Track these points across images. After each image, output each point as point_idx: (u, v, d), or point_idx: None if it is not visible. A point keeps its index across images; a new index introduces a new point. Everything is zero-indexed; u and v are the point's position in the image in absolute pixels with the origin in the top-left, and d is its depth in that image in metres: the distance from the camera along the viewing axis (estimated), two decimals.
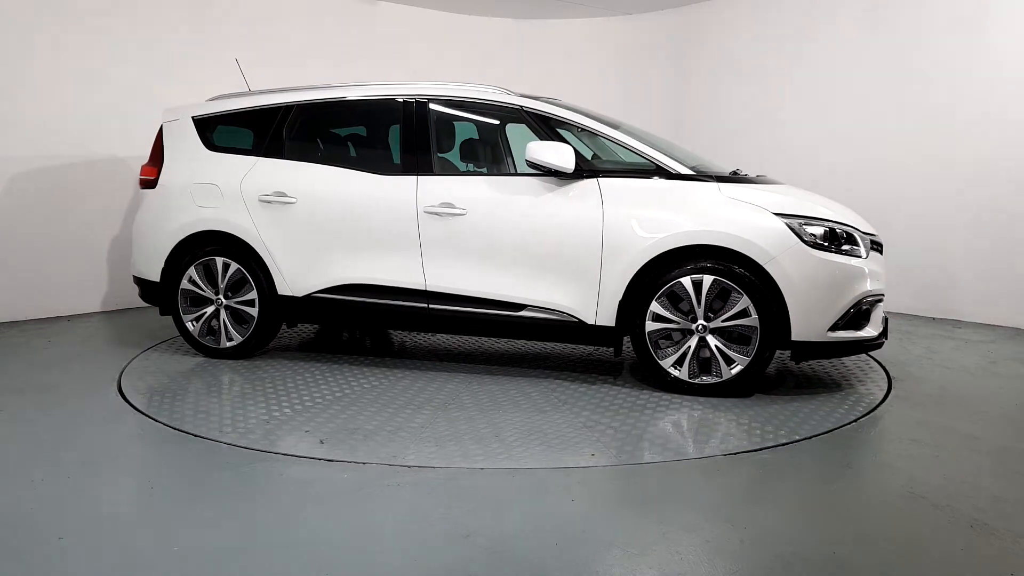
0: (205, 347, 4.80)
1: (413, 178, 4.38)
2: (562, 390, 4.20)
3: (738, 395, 4.00)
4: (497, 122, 4.97)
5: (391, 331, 5.66)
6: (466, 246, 4.26)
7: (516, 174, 4.37)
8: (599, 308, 4.09)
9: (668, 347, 4.04)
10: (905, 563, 2.36)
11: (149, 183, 4.93)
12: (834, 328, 3.89)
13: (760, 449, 3.31)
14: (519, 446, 3.35)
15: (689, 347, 3.99)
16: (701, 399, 3.97)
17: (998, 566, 2.35)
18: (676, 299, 3.97)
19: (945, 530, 2.58)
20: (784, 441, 3.41)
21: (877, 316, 4.07)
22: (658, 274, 3.99)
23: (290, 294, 4.60)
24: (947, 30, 6.21)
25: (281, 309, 4.67)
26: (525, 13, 8.35)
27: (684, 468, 3.11)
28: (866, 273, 3.93)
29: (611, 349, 4.43)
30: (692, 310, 3.96)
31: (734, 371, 3.94)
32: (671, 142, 4.81)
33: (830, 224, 3.95)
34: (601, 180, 4.12)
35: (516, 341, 5.29)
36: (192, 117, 4.93)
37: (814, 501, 2.83)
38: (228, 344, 4.75)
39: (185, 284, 4.75)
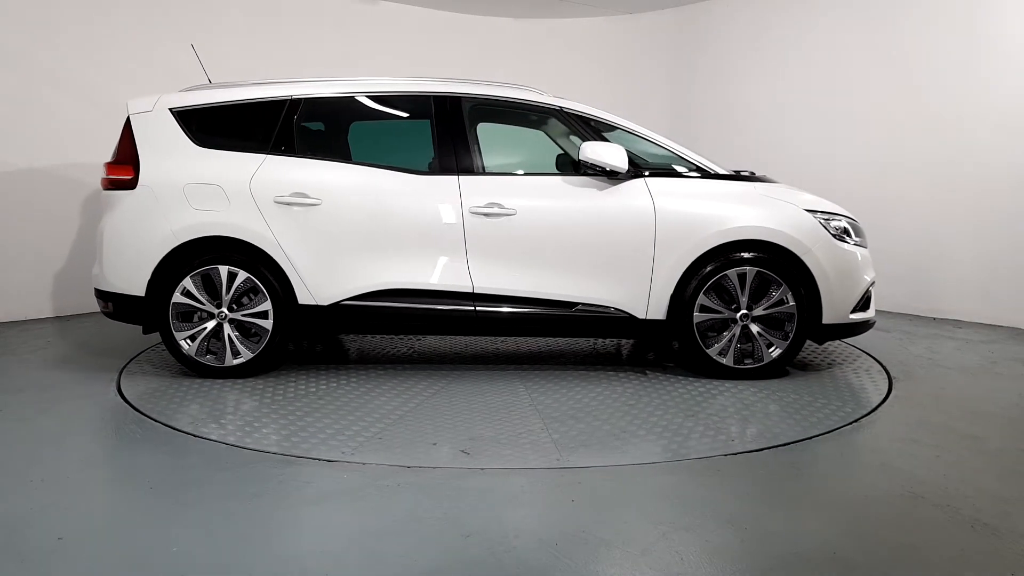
0: (204, 367, 4.31)
1: (454, 178, 4.27)
2: (626, 384, 4.30)
3: (777, 376, 4.40)
4: (538, 123, 4.86)
5: (342, 337, 5.45)
6: (516, 246, 4.24)
7: (564, 174, 4.39)
8: (650, 302, 4.29)
9: (713, 336, 4.33)
10: (905, 563, 2.36)
11: (124, 183, 4.28)
12: (854, 311, 4.38)
13: (760, 449, 3.31)
14: (667, 439, 3.43)
15: (734, 335, 4.31)
16: (743, 384, 4.27)
17: (998, 566, 2.34)
18: (720, 291, 4.27)
19: (945, 530, 2.58)
20: (784, 441, 3.41)
21: (873, 299, 4.58)
22: (701, 268, 4.24)
23: (313, 303, 4.26)
24: (948, 30, 6.21)
25: (300, 320, 4.31)
26: (525, 13, 8.35)
27: (684, 468, 3.11)
28: (869, 261, 4.47)
29: (620, 340, 4.64)
30: (735, 300, 4.27)
31: (774, 354, 4.33)
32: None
33: (844, 218, 4.43)
34: (648, 180, 4.32)
35: (507, 339, 5.36)
36: (170, 109, 4.36)
37: (814, 501, 2.83)
38: (235, 361, 4.31)
39: (179, 298, 4.22)
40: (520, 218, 4.23)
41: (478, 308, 4.28)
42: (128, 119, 4.39)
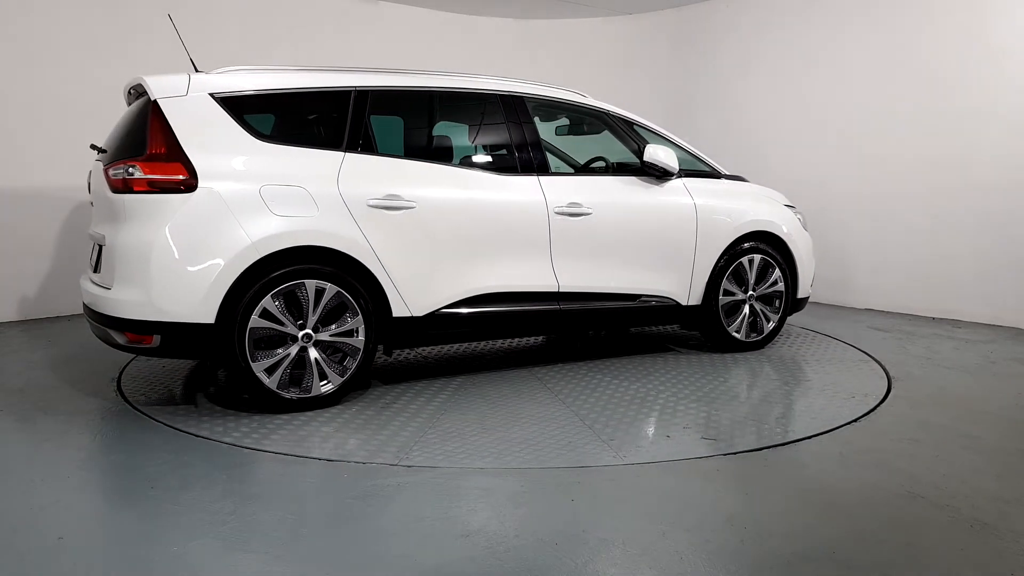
0: (286, 401, 3.68)
1: (535, 178, 4.28)
2: (681, 369, 4.65)
3: (770, 344, 5.21)
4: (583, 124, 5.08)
5: None
6: (594, 244, 4.42)
7: (620, 173, 4.68)
8: (691, 290, 4.78)
9: (732, 316, 4.95)
10: (905, 563, 2.36)
11: (174, 185, 3.49)
12: (811, 286, 5.33)
13: (760, 449, 3.31)
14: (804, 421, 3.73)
15: (745, 314, 4.98)
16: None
17: (998, 566, 2.35)
18: (737, 276, 4.89)
19: (945, 530, 2.58)
20: (784, 441, 3.41)
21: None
22: (723, 257, 4.82)
23: (407, 315, 3.93)
24: (948, 29, 6.21)
25: (394, 334, 3.97)
26: (526, 13, 8.35)
27: (684, 468, 3.11)
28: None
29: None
30: (745, 283, 4.93)
31: (769, 327, 5.09)
32: None
33: (799, 211, 5.29)
34: (684, 180, 4.77)
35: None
36: (211, 95, 3.69)
37: (814, 501, 2.83)
38: (323, 389, 3.74)
39: (257, 321, 3.58)
40: (596, 217, 4.39)
41: (562, 306, 4.37)
42: (156, 104, 3.60)
